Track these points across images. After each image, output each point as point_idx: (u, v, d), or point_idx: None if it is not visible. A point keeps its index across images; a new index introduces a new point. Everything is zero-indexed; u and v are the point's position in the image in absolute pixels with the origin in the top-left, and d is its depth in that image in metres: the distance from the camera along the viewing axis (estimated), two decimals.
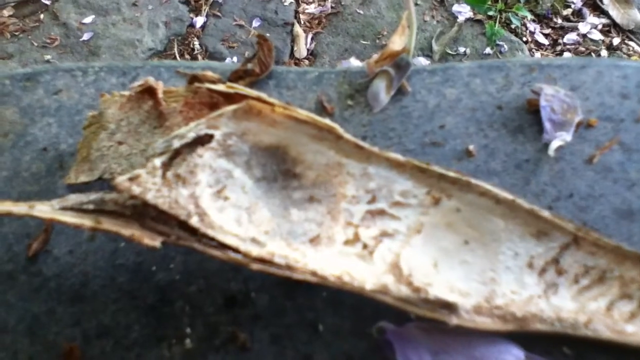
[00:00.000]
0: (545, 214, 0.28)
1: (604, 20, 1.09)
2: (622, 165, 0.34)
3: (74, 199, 0.26)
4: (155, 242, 0.25)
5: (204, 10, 1.13)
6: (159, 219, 0.25)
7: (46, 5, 1.17)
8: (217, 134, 0.27)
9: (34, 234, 0.31)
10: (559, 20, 1.11)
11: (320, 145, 0.27)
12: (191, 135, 0.26)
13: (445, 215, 0.28)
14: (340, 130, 0.27)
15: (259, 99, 0.27)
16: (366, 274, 0.26)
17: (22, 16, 1.16)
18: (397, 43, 0.36)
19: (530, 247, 0.28)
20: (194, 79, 0.30)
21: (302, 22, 1.13)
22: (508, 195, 0.28)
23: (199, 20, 1.10)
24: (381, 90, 0.35)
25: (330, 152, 0.27)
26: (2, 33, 1.12)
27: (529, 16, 1.08)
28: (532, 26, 1.07)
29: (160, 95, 0.29)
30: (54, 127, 0.34)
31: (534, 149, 0.34)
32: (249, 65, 0.36)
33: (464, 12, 1.09)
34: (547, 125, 0.34)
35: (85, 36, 1.06)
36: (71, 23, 1.12)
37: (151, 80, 0.29)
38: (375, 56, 0.36)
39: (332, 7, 1.13)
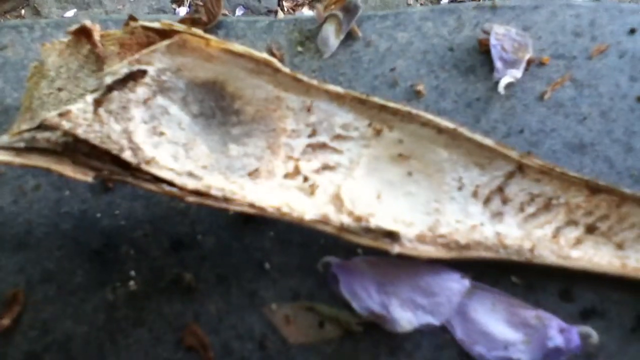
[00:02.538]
0: (489, 142, 0.28)
1: None
2: (574, 100, 0.33)
3: (5, 139, 0.26)
4: (87, 176, 0.24)
5: (187, 0, 1.12)
6: (92, 155, 0.25)
7: (27, 0, 1.16)
8: (151, 70, 0.26)
9: None
10: None
11: (259, 79, 0.27)
12: (123, 71, 0.26)
13: (388, 147, 0.28)
14: (277, 63, 0.27)
15: (193, 35, 0.27)
16: (306, 206, 0.26)
17: (3, 12, 1.15)
18: None
19: (474, 176, 0.28)
20: (131, 19, 0.29)
21: (286, 9, 1.13)
22: (450, 125, 0.27)
23: (182, 11, 1.10)
24: (330, 35, 0.35)
25: (269, 86, 0.27)
26: None
27: None
28: None
29: (97, 38, 0.28)
30: (0, 82, 0.34)
31: (485, 87, 0.34)
32: (196, 16, 0.35)
33: (449, 5, 1.08)
34: (498, 63, 0.34)
35: None
36: (52, 17, 1.12)
37: (87, 22, 0.28)
38: (324, 1, 0.36)
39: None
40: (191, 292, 0.28)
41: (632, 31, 0.36)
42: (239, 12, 1.09)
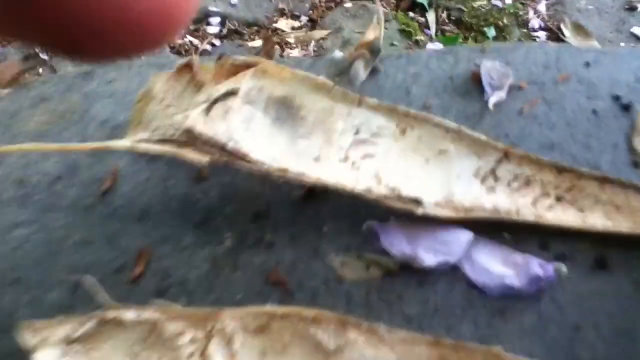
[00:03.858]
0: (483, 137, 0.38)
1: None
2: (545, 114, 0.44)
3: (142, 135, 0.36)
4: (204, 160, 0.35)
5: (185, 53, 1.22)
6: (205, 146, 0.35)
7: (44, 60, 1.25)
8: (242, 88, 0.37)
9: (103, 178, 0.41)
10: None
11: (317, 94, 0.38)
12: (224, 89, 0.37)
13: (411, 142, 0.39)
14: (330, 83, 0.38)
15: (270, 65, 0.38)
16: (355, 181, 0.36)
17: (23, 71, 1.27)
18: (370, 34, 0.47)
19: (473, 162, 0.38)
20: (221, 56, 0.41)
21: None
22: (455, 125, 0.38)
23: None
24: (360, 70, 0.47)
25: (325, 99, 0.38)
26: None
27: None
28: None
29: (197, 69, 0.40)
30: (111, 106, 0.45)
31: (478, 105, 0.45)
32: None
33: (449, 49, 1.20)
34: (487, 87, 0.45)
35: (75, 70, 1.15)
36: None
37: (190, 59, 0.40)
38: (355, 45, 0.48)
39: (314, 51, 1.24)
40: (271, 248, 0.37)
41: (587, 64, 0.48)
42: None
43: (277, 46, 0.99)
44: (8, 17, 0.12)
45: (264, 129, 0.37)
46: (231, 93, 0.37)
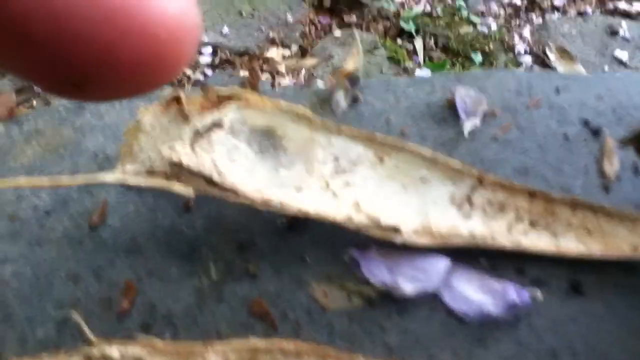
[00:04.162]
0: (457, 164, 0.40)
1: None
2: (518, 139, 0.46)
3: (130, 168, 0.37)
4: (190, 191, 0.36)
5: (187, 88, 1.21)
6: (191, 178, 0.37)
7: (38, 92, 1.25)
8: (226, 120, 0.38)
9: (93, 211, 0.42)
10: None
11: (298, 125, 0.39)
12: (209, 121, 0.38)
13: (388, 169, 0.40)
14: (311, 114, 0.39)
15: (254, 97, 0.39)
16: (336, 210, 0.38)
17: (17, 103, 1.27)
18: (349, 65, 0.49)
19: (449, 188, 0.40)
20: (204, 88, 0.42)
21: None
22: (430, 153, 0.40)
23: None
24: (341, 99, 0.48)
25: (305, 129, 0.39)
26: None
27: None
28: None
29: (183, 101, 0.41)
30: (101, 139, 0.46)
31: (454, 132, 0.47)
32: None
33: (425, 75, 1.22)
34: (462, 114, 0.47)
35: (68, 104, 1.15)
36: (68, 106, 1.22)
37: (177, 91, 0.41)
38: (334, 76, 0.49)
39: (305, 79, 1.25)
40: (255, 278, 0.38)
41: (557, 90, 0.49)
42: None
43: (263, 76, 1.01)
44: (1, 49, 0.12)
45: (248, 159, 0.39)
46: (216, 125, 0.38)
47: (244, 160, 0.38)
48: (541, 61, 1.27)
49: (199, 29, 0.14)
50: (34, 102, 1.23)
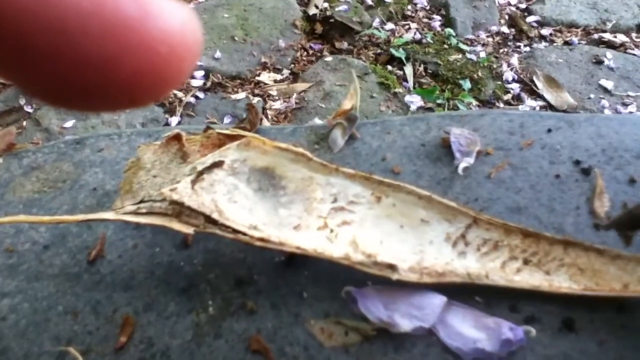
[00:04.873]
0: (452, 204, 0.41)
1: (541, 103, 1.25)
2: (512, 178, 0.47)
3: (130, 207, 0.38)
4: (190, 230, 0.36)
5: (178, 110, 1.23)
6: (191, 216, 0.37)
7: (29, 113, 1.24)
8: (227, 160, 0.39)
9: (91, 246, 0.42)
10: (501, 105, 1.28)
11: (297, 165, 0.40)
12: (209, 161, 0.39)
13: (386, 209, 0.41)
14: (309, 154, 0.40)
15: (255, 137, 0.40)
16: (333, 248, 0.38)
17: (6, 124, 1.27)
18: (347, 104, 0.50)
19: (444, 227, 0.41)
20: (208, 128, 0.43)
21: (270, 117, 1.26)
22: (426, 193, 0.41)
23: (174, 120, 1.19)
24: (338, 137, 0.49)
25: (304, 169, 0.40)
26: None
27: (474, 102, 1.24)
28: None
29: (184, 140, 0.42)
30: (100, 174, 0.47)
31: (449, 170, 0.48)
32: (242, 125, 0.49)
33: (415, 101, 1.24)
34: (457, 153, 0.48)
35: (67, 138, 1.15)
36: (53, 128, 1.20)
37: (177, 130, 0.42)
38: (332, 115, 0.50)
39: (296, 103, 1.26)
40: (253, 314, 0.39)
41: (549, 130, 0.51)
42: (227, 120, 1.22)
43: (262, 116, 1.02)
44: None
45: (247, 199, 0.39)
46: (216, 165, 0.39)
47: (244, 199, 0.39)
48: (529, 89, 1.29)
49: (199, 45, 0.14)
50: (24, 123, 1.22)
